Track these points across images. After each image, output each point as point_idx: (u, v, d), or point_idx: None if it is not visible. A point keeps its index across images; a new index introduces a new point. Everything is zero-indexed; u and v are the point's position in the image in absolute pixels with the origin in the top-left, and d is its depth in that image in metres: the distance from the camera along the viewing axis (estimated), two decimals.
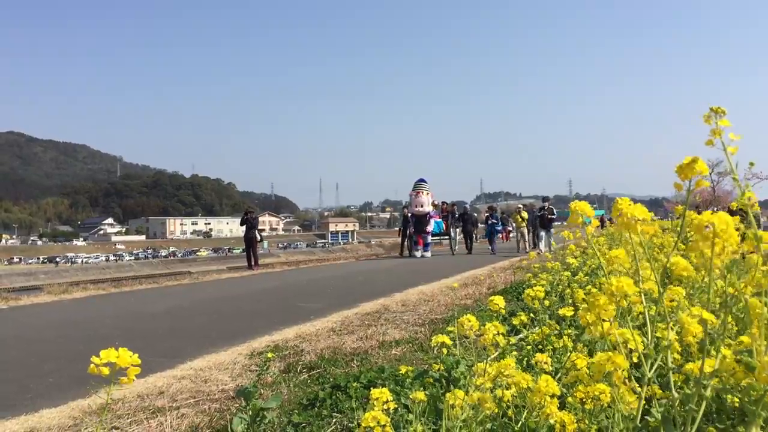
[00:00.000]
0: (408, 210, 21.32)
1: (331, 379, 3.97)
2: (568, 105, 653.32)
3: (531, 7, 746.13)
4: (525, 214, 22.20)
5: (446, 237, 24.28)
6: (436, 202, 23.34)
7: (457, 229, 23.98)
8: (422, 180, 21.67)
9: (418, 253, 20.61)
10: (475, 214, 25.59)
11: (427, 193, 21.18)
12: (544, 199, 23.08)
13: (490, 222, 24.13)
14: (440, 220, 23.77)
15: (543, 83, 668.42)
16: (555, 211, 21.65)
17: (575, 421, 1.55)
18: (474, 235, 24.65)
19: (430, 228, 21.13)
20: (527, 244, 22.56)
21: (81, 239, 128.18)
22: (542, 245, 20.30)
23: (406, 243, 21.64)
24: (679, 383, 1.36)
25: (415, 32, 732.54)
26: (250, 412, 3.10)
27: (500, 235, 27.45)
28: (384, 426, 1.55)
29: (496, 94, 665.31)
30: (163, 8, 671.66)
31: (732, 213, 1.58)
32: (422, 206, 20.79)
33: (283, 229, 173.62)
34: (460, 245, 24.02)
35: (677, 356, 1.44)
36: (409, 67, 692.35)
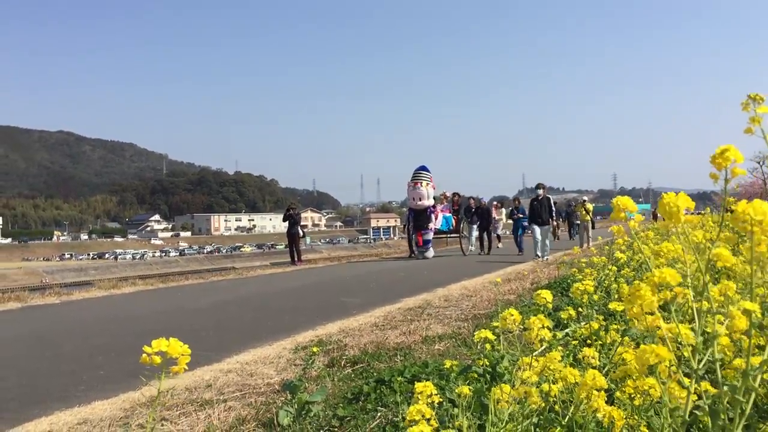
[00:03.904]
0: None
1: (375, 374, 3.97)
2: (613, 96, 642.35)
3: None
4: (590, 206, 19.37)
5: (455, 235, 20.48)
6: (447, 194, 20.73)
7: (473, 226, 20.21)
8: (423, 168, 18.50)
9: (428, 254, 17.95)
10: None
11: (428, 184, 18.02)
12: (538, 186, 16.72)
13: (516, 217, 20.14)
14: (450, 215, 19.89)
15: (586, 75, 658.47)
16: (554, 201, 16.83)
17: (624, 417, 1.53)
18: (491, 233, 20.78)
19: (432, 225, 18.06)
20: (590, 240, 18.69)
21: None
22: (538, 249, 15.87)
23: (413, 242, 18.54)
24: (728, 378, 1.32)
25: (452, 27, 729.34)
26: (296, 406, 3.13)
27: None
28: (429, 419, 1.55)
29: (539, 88, 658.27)
30: (225, 5, 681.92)
31: None
32: (421, 199, 17.83)
33: (325, 225, 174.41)
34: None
35: (728, 352, 1.40)
36: (450, 61, 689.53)
